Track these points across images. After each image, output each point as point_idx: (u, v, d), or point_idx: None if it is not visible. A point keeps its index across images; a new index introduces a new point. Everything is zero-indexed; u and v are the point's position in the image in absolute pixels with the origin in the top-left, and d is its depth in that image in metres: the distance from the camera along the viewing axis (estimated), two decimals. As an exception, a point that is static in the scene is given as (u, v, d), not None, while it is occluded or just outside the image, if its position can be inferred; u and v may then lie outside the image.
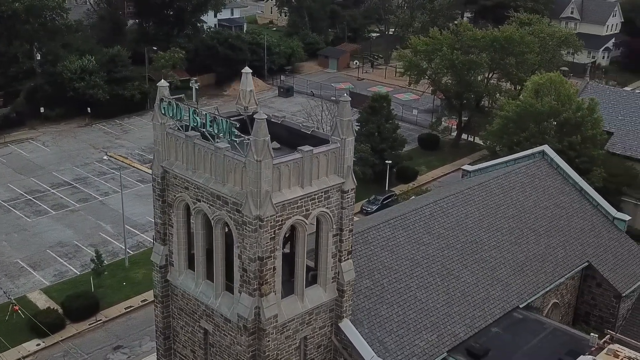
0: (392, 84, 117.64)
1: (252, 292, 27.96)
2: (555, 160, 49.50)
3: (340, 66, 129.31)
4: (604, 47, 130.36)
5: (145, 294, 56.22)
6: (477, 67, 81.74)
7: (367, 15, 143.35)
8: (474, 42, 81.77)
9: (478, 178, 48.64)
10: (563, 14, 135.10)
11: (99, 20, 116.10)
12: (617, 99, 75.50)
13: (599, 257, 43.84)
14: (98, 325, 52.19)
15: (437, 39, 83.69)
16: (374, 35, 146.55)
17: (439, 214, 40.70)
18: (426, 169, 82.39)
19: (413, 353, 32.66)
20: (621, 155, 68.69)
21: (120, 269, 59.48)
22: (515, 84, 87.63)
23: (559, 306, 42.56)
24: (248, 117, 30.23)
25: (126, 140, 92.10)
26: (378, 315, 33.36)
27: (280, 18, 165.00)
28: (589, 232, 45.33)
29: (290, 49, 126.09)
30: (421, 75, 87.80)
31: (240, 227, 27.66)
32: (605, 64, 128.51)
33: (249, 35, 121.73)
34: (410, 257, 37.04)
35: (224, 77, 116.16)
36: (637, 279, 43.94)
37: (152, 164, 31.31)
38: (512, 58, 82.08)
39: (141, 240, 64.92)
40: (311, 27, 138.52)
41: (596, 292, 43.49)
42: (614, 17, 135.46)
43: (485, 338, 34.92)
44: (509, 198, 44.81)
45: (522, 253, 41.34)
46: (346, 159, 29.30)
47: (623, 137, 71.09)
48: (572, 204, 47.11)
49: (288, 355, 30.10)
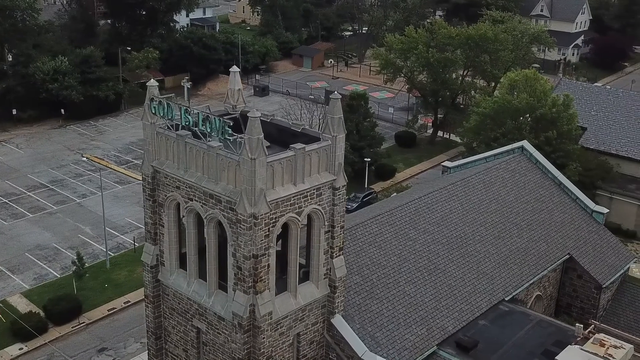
0: (367, 82, 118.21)
1: (247, 289, 28.09)
2: (534, 155, 50.32)
3: (315, 65, 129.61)
4: (574, 44, 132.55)
5: (128, 296, 56.01)
6: (452, 64, 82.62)
7: (341, 14, 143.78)
8: (449, 40, 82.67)
9: (460, 174, 49.27)
10: (533, 11, 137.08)
11: (71, 21, 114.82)
12: (589, 94, 76.99)
13: (580, 250, 44.73)
14: (81, 328, 51.77)
15: (412, 37, 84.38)
16: (347, 34, 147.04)
17: (424, 210, 41.20)
18: (404, 166, 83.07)
19: (404, 347, 33.05)
20: (595, 150, 70.15)
21: (102, 271, 59.02)
22: (490, 81, 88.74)
23: (542, 298, 43.35)
24: (241, 115, 30.30)
25: (102, 141, 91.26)
26: (368, 310, 33.69)
27: (253, 17, 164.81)
28: (569, 225, 46.21)
29: (265, 48, 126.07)
30: (397, 74, 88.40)
31: (234, 225, 27.76)
32: (575, 61, 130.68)
33: (222, 35, 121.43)
34: (397, 253, 37.45)
35: (198, 76, 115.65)
36: (616, 270, 44.92)
37: (142, 163, 31.25)
38: (486, 55, 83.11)
39: (121, 242, 64.47)
40: (285, 26, 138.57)
41: (577, 283, 44.37)
42: (583, 15, 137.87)
43: (473, 331, 35.47)
44: (490, 193, 45.49)
45: (505, 247, 42.03)
46: (337, 156, 29.58)
47: (596, 132, 72.55)
48: (551, 197, 47.97)
49: (282, 352, 30.29)
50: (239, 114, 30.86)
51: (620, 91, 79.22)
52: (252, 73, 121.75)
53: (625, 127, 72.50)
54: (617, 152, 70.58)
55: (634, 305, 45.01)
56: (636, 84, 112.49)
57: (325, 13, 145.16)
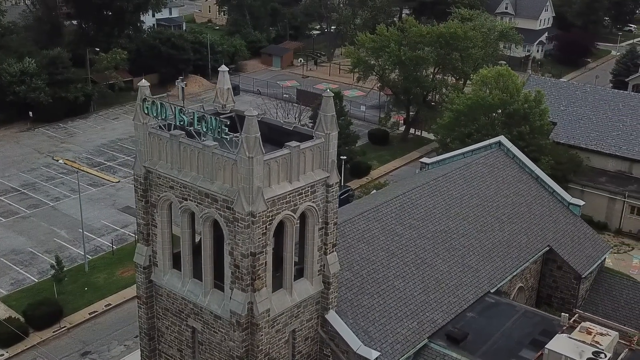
0: (338, 81, 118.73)
1: (245, 287, 28.22)
2: (511, 150, 51.34)
3: (284, 64, 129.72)
4: (538, 41, 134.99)
5: (109, 299, 55.56)
6: (424, 62, 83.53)
7: (308, 13, 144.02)
8: (420, 39, 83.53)
9: (439, 169, 50.03)
10: (498, 9, 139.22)
11: (36, 22, 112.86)
12: (558, 90, 78.64)
13: (559, 241, 45.78)
14: (63, 332, 51.19)
15: (384, 36, 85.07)
16: (315, 33, 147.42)
17: (408, 206, 41.77)
18: (378, 164, 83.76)
19: (396, 340, 33.53)
20: (565, 144, 71.70)
21: (80, 274, 58.40)
22: (461, 78, 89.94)
23: (524, 290, 44.30)
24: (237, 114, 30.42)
25: (72, 144, 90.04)
26: (360, 305, 34.09)
27: (220, 17, 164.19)
28: (547, 218, 47.26)
29: (234, 47, 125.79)
30: (369, 72, 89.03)
31: (231, 224, 27.87)
32: (539, 58, 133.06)
33: (191, 35, 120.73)
34: (385, 248, 37.94)
35: (167, 76, 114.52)
36: (594, 261, 46.10)
37: (134, 164, 31.13)
38: (456, 53, 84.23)
39: (99, 245, 63.81)
40: (253, 25, 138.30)
41: (557, 274, 45.42)
42: (546, 12, 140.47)
43: (462, 323, 36.13)
44: (471, 188, 46.28)
45: (488, 240, 42.84)
46: (330, 153, 29.88)
47: (566, 126, 74.15)
48: (529, 191, 48.99)
49: (278, 348, 30.49)
50: (235, 113, 30.92)
51: (588, 86, 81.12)
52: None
53: (593, 121, 74.26)
54: (586, 146, 72.25)
55: (611, 294, 46.25)
56: (600, 79, 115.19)
57: (293, 12, 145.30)
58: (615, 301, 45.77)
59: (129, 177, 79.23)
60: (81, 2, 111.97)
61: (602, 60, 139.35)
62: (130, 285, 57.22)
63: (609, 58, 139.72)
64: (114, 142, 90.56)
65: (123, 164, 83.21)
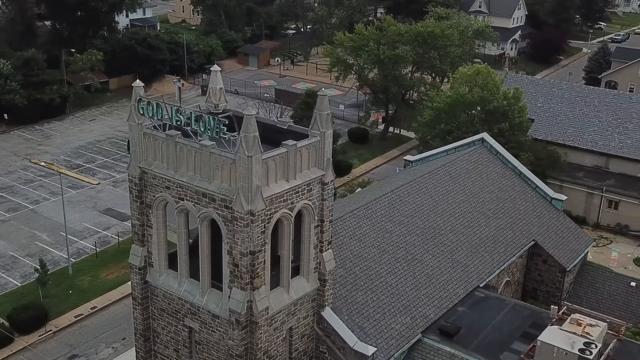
0: (315, 80, 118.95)
1: (244, 286, 28.35)
2: (494, 146, 52.09)
3: (261, 64, 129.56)
4: (512, 39, 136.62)
5: (94, 301, 55.19)
6: (402, 61, 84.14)
7: (284, 12, 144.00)
8: (399, 37, 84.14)
9: (424, 167, 50.59)
10: (472, 8, 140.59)
11: (9, 23, 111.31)
12: (535, 87, 79.83)
13: (543, 236, 46.60)
14: (49, 336, 50.70)
15: (362, 35, 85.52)
16: (290, 32, 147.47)
17: (397, 203, 42.23)
18: (358, 162, 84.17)
19: (391, 336, 33.92)
20: (543, 140, 72.80)
21: (64, 278, 57.84)
22: (439, 76, 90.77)
23: (511, 284, 45.03)
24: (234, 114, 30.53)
25: (49, 146, 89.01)
26: (355, 302, 34.43)
27: (194, 17, 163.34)
28: (532, 213, 48.07)
29: (210, 47, 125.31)
30: (348, 71, 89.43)
31: (229, 223, 27.97)
32: (513, 55, 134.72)
33: (167, 35, 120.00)
34: (376, 245, 38.34)
35: (143, 77, 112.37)
36: (577, 254, 47.02)
37: (129, 165, 31.02)
38: (434, 52, 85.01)
39: (81, 247, 63.23)
40: (228, 25, 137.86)
41: (542, 268, 46.23)
42: (519, 10, 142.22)
43: (454, 317, 36.65)
44: (457, 184, 46.90)
45: (475, 236, 43.46)
46: (326, 151, 30.13)
47: (544, 123, 75.31)
48: (513, 187, 49.78)
49: (276, 346, 30.67)
50: (232, 113, 31.01)
51: (564, 83, 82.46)
52: (198, 73, 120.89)
53: (570, 117, 75.55)
54: (564, 141, 73.44)
55: (594, 286, 47.22)
56: (573, 76, 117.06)
57: (269, 12, 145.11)
58: (599, 293, 46.74)
59: (109, 179, 78.76)
60: (54, 2, 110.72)
61: (574, 58, 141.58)
62: (116, 288, 57.10)
63: (581, 55, 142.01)
64: (92, 144, 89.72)
65: (102, 166, 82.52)
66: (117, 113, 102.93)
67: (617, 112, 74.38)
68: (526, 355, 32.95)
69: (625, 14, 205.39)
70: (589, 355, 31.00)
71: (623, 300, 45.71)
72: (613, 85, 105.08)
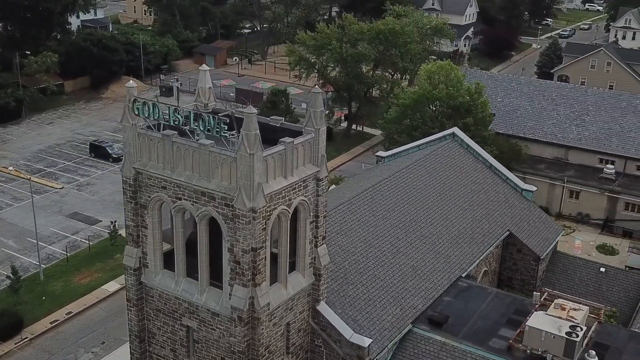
0: (274, 79, 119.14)
1: (246, 283, 28.63)
2: (465, 140, 53.40)
3: (218, 63, 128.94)
4: (465, 35, 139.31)
5: (69, 306, 54.45)
6: (365, 59, 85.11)
7: (239, 11, 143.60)
8: (361, 36, 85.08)
9: (399, 162, 51.48)
10: (425, 5, 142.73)
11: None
12: (494, 82, 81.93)
13: (517, 226, 48.04)
14: (25, 343, 49.83)
15: (325, 34, 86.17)
16: (246, 31, 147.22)
17: (379, 198, 43.00)
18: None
19: (384, 327, 34.62)
20: (505, 134, 74.81)
21: (36, 284, 56.84)
22: (400, 73, 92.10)
23: (488, 273, 46.33)
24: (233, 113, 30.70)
25: (7, 150, 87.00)
26: (346, 295, 35.01)
27: (146, 17, 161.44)
28: (504, 204, 49.49)
29: (166, 47, 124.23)
30: (311, 70, 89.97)
31: (230, 221, 28.20)
32: (467, 52, 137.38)
33: (123, 36, 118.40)
34: (362, 239, 39.02)
35: (100, 79, 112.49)
36: (550, 243, 48.64)
37: (122, 165, 30.87)
38: (395, 49, 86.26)
39: (50, 253, 62.19)
40: (183, 25, 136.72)
41: (517, 257, 47.65)
42: (471, 7, 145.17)
43: (441, 307, 37.60)
44: (433, 178, 47.95)
45: (454, 227, 44.56)
46: (320, 148, 30.63)
47: (504, 117, 77.38)
48: (485, 179, 51.13)
49: (275, 341, 31.03)
50: (232, 112, 31.19)
51: (522, 78, 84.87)
52: (155, 73, 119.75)
53: (529, 111, 77.86)
54: (524, 135, 75.69)
55: (566, 273, 48.89)
56: (526, 71, 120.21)
57: (223, 11, 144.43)
58: (570, 279, 48.42)
59: (72, 183, 77.50)
60: (5, 3, 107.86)
61: (525, 53, 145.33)
62: (90, 292, 56.44)
63: (531, 51, 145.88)
64: (51, 148, 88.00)
65: (65, 170, 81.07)
66: (75, 116, 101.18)
67: (573, 105, 77.00)
68: (514, 340, 34.10)
69: (569, 10, 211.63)
70: (576, 338, 32.32)
71: (594, 285, 47.48)
72: (565, 79, 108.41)
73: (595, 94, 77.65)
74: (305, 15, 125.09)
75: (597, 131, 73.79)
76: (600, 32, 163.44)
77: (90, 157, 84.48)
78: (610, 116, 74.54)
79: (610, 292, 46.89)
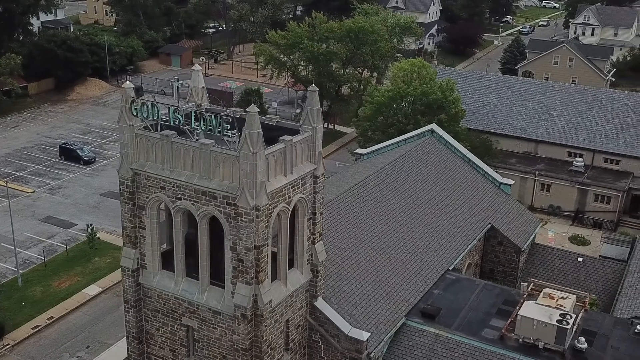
0: (241, 78, 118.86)
1: (250, 280, 28.84)
2: (443, 136, 54.35)
3: (184, 63, 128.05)
4: (429, 33, 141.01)
5: (50, 311, 53.75)
6: (336, 57, 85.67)
7: (203, 11, 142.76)
8: (331, 34, 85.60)
9: (380, 159, 52.11)
10: (389, 4, 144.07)
11: None
12: (464, 79, 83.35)
13: (497, 219, 49.08)
14: (8, 350, 49.04)
15: (296, 32, 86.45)
16: (210, 31, 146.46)
17: (365, 194, 43.56)
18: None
19: (379, 321, 35.17)
20: (476, 130, 76.17)
21: (14, 290, 55.95)
22: (370, 71, 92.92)
23: (472, 266, 47.29)
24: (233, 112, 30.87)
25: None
26: (341, 291, 35.45)
27: (107, 17, 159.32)
28: (484, 198, 50.53)
29: (131, 48, 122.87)
30: (282, 69, 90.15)
31: (233, 219, 28.37)
32: (431, 49, 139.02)
33: (87, 36, 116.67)
34: (353, 235, 39.51)
35: (64, 80, 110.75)
36: (529, 235, 49.84)
37: (120, 167, 30.75)
38: (366, 47, 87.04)
39: (27, 258, 61.20)
40: (147, 25, 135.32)
41: (498, 249, 48.69)
42: (434, 5, 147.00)
43: (432, 300, 38.32)
44: (415, 174, 48.73)
45: (438, 222, 45.36)
46: (317, 145, 30.99)
47: (474, 113, 78.83)
48: (464, 174, 52.11)
49: (276, 338, 31.31)
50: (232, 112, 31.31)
51: (491, 75, 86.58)
52: (121, 74, 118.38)
53: (499, 107, 79.47)
54: (494, 130, 77.30)
55: (545, 264, 50.16)
56: (490, 67, 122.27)
57: (187, 10, 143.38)
58: (550, 270, 49.69)
59: (44, 187, 76.30)
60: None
61: (487, 50, 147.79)
62: (71, 296, 55.77)
63: (493, 48, 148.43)
64: (19, 152, 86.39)
65: (35, 174, 79.72)
66: (41, 119, 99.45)
67: (541, 100, 78.86)
68: (506, 329, 34.99)
69: (527, 7, 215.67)
70: (567, 325, 33.34)
71: (572, 274, 48.82)
72: (529, 75, 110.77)
73: (562, 89, 79.64)
74: (271, 14, 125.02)
75: (565, 125, 75.73)
76: (558, 28, 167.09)
77: (60, 160, 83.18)
78: (577, 110, 76.56)
79: (589, 280, 48.29)
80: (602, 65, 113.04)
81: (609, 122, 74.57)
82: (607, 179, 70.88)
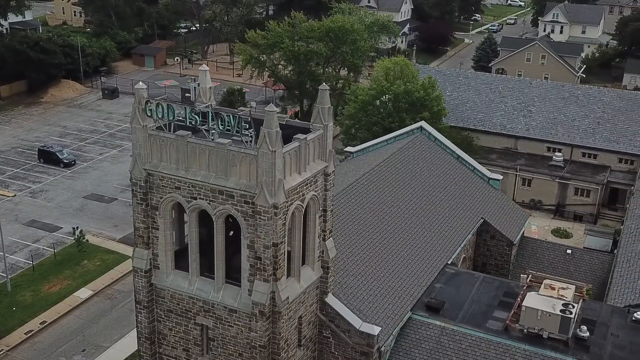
0: (217, 77, 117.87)
1: (267, 278, 29.13)
2: (432, 133, 55.16)
3: (158, 63, 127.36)
4: (401, 32, 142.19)
5: (42, 316, 53.26)
6: (317, 57, 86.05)
7: (176, 11, 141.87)
8: (312, 34, 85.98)
9: (371, 156, 52.72)
10: (361, 2, 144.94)
11: None
12: (442, 77, 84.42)
13: (489, 213, 50.05)
14: (2, 356, 48.42)
15: (276, 32, 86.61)
16: (183, 31, 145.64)
17: (363, 192, 44.10)
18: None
19: (387, 316, 35.74)
20: (457, 127, 77.32)
21: (4, 295, 55.30)
22: (349, 70, 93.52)
23: (467, 260, 48.21)
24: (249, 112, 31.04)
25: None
26: (349, 287, 35.94)
27: (76, 18, 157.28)
28: (475, 193, 51.47)
29: (104, 49, 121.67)
30: (262, 69, 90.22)
31: (250, 218, 28.63)
32: (404, 48, 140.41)
33: (60, 38, 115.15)
34: (355, 232, 40.02)
35: (37, 82, 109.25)
36: (520, 228, 50.95)
37: (133, 168, 30.73)
38: (346, 46, 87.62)
39: (14, 262, 60.45)
40: (119, 26, 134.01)
41: (491, 243, 49.68)
42: (406, 4, 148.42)
43: (435, 293, 39.03)
44: (409, 171, 49.44)
45: (434, 217, 46.16)
46: (328, 143, 31.41)
47: (454, 110, 79.94)
48: (454, 170, 53.00)
49: (290, 335, 31.67)
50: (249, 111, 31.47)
51: (469, 72, 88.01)
52: (94, 76, 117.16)
53: (478, 104, 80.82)
54: (475, 127, 78.61)
55: (535, 257, 51.32)
56: (464, 65, 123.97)
57: (159, 11, 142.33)
58: (540, 262, 50.84)
59: (25, 190, 75.30)
60: None
61: (459, 48, 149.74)
62: (62, 300, 55.27)
63: (464, 46, 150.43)
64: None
65: (14, 177, 78.60)
66: (15, 122, 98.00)
67: (519, 97, 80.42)
68: (510, 320, 35.86)
69: (493, 5, 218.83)
70: (570, 315, 34.32)
71: (562, 266, 50.06)
72: (502, 72, 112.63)
73: (539, 86, 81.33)
74: (245, 14, 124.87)
75: (544, 121, 77.36)
76: (527, 26, 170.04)
77: (39, 163, 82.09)
78: (555, 106, 78.27)
79: (578, 272, 49.58)
80: (573, 62, 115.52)
81: (585, 117, 76.41)
82: (586, 173, 72.67)
